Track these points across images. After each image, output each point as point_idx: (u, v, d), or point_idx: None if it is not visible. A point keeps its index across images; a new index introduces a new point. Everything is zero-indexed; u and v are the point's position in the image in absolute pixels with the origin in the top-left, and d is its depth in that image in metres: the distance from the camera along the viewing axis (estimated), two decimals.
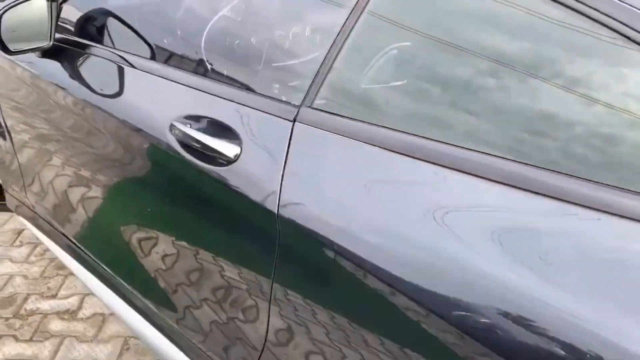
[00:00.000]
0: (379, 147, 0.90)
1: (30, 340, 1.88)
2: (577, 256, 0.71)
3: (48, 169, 1.72)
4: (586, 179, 0.73)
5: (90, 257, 1.65)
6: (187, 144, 1.12)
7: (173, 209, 1.25)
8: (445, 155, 0.83)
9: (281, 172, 0.97)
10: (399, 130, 0.90)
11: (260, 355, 1.10)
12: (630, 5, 0.75)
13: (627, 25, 0.75)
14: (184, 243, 1.22)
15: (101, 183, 1.47)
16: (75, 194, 1.62)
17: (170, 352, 1.41)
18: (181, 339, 1.35)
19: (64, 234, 1.79)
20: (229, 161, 1.05)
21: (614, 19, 0.76)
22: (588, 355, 0.65)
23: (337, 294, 0.94)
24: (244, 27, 1.25)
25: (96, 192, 1.51)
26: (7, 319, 1.97)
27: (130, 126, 1.28)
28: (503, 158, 0.80)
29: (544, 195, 0.74)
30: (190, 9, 1.40)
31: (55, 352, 1.83)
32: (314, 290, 0.97)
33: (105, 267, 1.58)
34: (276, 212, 0.97)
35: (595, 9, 0.77)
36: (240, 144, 1.05)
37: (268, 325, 1.06)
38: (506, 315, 0.72)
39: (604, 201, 0.71)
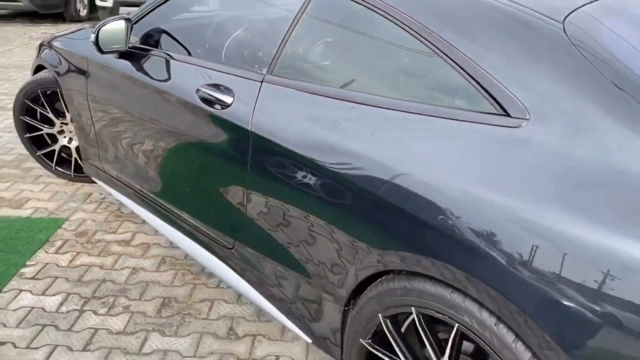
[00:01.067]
0: (306, 92, 1.69)
1: (98, 255, 2.71)
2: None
3: (116, 141, 2.57)
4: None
5: (148, 198, 2.47)
6: (205, 98, 1.94)
7: (197, 139, 2.06)
8: (334, 93, 1.62)
9: (252, 109, 1.78)
10: (316, 84, 1.70)
11: (243, 224, 1.90)
12: None
13: None
14: (203, 159, 2.04)
15: (155, 143, 2.30)
16: (136, 156, 2.46)
17: (198, 250, 2.21)
18: (222, 249, 2.12)
19: (128, 186, 2.62)
20: (227, 106, 1.87)
21: None
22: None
23: (280, 177, 1.72)
24: (237, 33, 2.10)
25: (151, 151, 2.34)
26: (82, 243, 2.80)
27: (173, 95, 2.11)
28: (363, 92, 1.57)
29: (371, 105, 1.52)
30: (205, 24, 2.26)
31: (115, 262, 2.65)
32: (269, 176, 1.76)
33: (158, 201, 2.40)
34: (249, 129, 1.77)
35: None
36: (233, 96, 1.87)
37: (245, 200, 1.86)
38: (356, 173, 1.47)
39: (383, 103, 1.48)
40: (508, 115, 1.28)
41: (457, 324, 1.28)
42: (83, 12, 9.25)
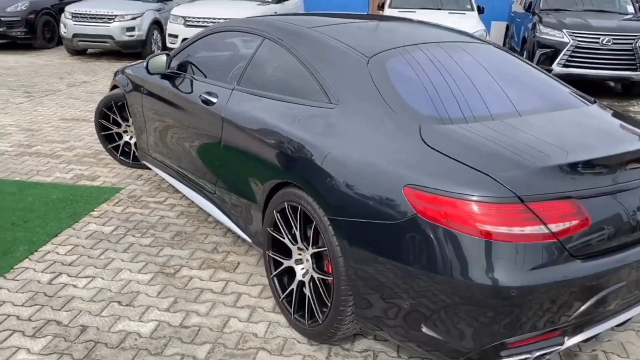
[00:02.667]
0: (254, 95, 3.00)
1: (140, 208, 4.07)
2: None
3: (160, 134, 3.96)
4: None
5: (177, 170, 3.82)
6: (203, 100, 3.28)
7: (199, 127, 3.39)
8: (267, 95, 2.91)
9: (225, 104, 3.11)
10: (262, 90, 3.00)
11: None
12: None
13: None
14: (202, 139, 3.37)
15: (181, 133, 3.64)
16: (174, 144, 3.82)
17: (212, 209, 3.50)
18: (210, 194, 3.45)
19: (169, 166, 3.99)
20: (213, 103, 3.20)
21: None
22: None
23: (236, 142, 3.01)
24: (223, 63, 3.46)
25: (179, 139, 3.69)
26: (131, 202, 4.18)
27: (189, 100, 3.47)
28: (279, 93, 2.86)
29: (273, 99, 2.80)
30: (209, 59, 3.64)
31: (151, 212, 4.00)
32: (232, 142, 3.05)
33: (181, 172, 3.75)
34: (222, 115, 3.09)
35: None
36: (217, 97, 3.20)
37: (220, 159, 3.16)
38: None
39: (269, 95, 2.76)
40: (330, 102, 2.54)
41: (300, 206, 2.51)
42: (157, 52, 11.11)
